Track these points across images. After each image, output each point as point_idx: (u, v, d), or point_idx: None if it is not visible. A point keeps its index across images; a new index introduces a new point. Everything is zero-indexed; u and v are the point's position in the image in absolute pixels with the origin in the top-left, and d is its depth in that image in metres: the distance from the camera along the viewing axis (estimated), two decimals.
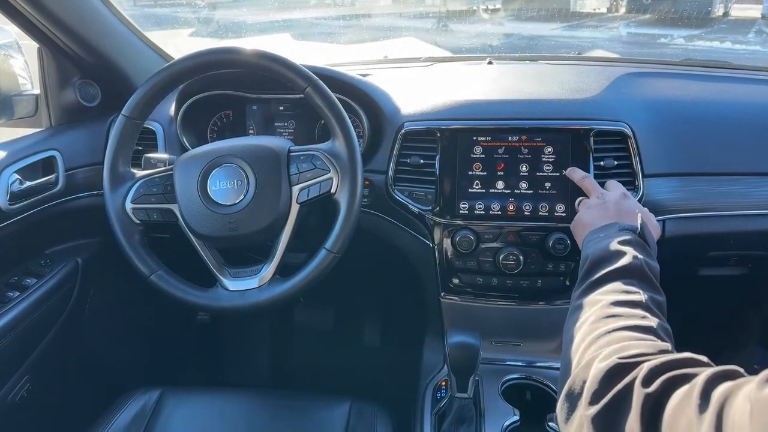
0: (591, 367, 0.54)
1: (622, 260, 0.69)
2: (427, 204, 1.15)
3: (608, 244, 0.73)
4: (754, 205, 1.16)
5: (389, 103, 1.23)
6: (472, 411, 1.03)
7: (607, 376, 0.52)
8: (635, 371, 0.50)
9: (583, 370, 0.56)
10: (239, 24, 4.01)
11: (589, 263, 0.73)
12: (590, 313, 0.64)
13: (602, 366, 0.53)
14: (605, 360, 0.53)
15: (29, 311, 1.17)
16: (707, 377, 0.44)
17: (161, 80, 1.00)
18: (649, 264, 0.70)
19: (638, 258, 0.69)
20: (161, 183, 1.01)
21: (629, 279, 0.67)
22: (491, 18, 4.67)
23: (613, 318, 0.61)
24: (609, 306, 0.63)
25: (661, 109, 1.20)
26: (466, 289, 1.18)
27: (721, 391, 0.41)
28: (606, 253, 0.72)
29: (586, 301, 0.67)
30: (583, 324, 0.63)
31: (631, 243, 0.73)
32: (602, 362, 0.53)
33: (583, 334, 0.61)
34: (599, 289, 0.67)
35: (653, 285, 0.68)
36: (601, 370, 0.52)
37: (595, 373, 0.53)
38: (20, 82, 1.29)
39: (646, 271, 0.69)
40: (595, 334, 0.59)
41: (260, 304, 0.99)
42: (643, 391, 0.47)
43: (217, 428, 1.07)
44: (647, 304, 0.63)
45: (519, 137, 1.12)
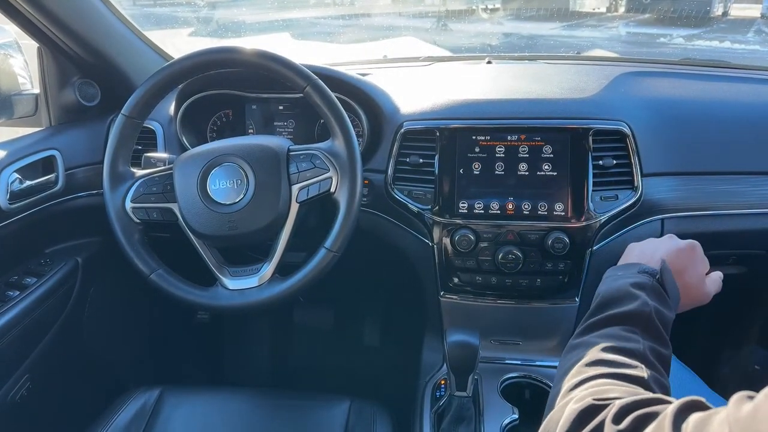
0: (565, 409, 0.53)
1: (631, 305, 0.66)
2: (427, 203, 1.15)
3: (621, 285, 0.70)
4: (753, 204, 1.17)
5: (388, 103, 1.24)
6: (471, 410, 1.03)
7: (579, 417, 0.51)
8: (606, 410, 0.49)
9: (558, 411, 0.55)
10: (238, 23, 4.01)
11: (599, 301, 0.70)
12: (582, 356, 0.61)
13: (576, 407, 0.52)
14: (580, 402, 0.52)
15: (29, 310, 1.17)
16: (675, 408, 0.43)
17: (161, 80, 1.00)
18: (660, 313, 0.66)
19: (648, 305, 0.66)
20: (161, 182, 1.02)
21: (632, 326, 0.64)
22: (490, 17, 4.67)
23: (602, 364, 0.58)
24: (602, 351, 0.60)
25: (660, 108, 1.20)
26: (465, 288, 1.18)
27: (693, 420, 0.41)
28: (616, 294, 0.68)
29: (583, 341, 0.64)
30: (572, 366, 0.61)
31: (645, 287, 0.68)
32: (576, 404, 0.52)
33: (570, 376, 0.60)
34: (599, 332, 0.65)
35: (659, 335, 0.65)
36: (574, 411, 0.51)
37: (568, 414, 0.52)
38: (20, 82, 1.29)
39: (653, 320, 0.65)
40: (580, 378, 0.58)
41: (260, 303, 0.99)
42: (614, 428, 0.46)
43: (217, 427, 1.08)
44: (644, 354, 0.60)
45: (518, 136, 1.12)
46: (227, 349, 1.92)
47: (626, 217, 1.12)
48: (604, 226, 1.10)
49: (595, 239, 1.11)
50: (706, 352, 1.66)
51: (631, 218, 1.13)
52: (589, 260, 1.12)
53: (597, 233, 1.10)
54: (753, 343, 1.62)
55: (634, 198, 1.10)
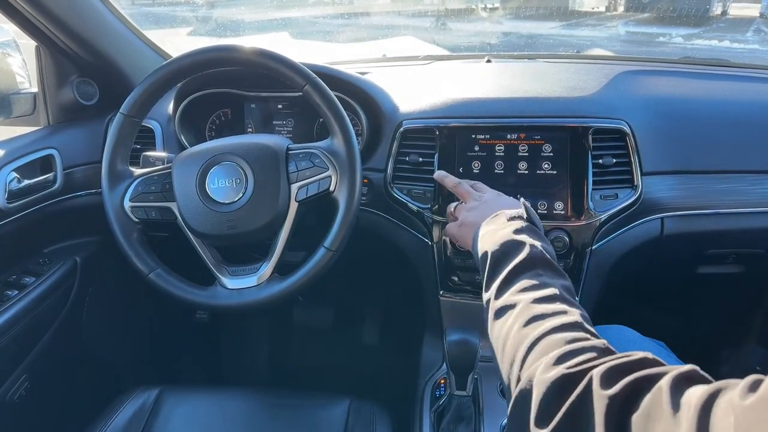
0: (533, 381, 0.51)
1: (522, 252, 0.68)
2: (426, 202, 1.15)
3: (503, 236, 0.72)
4: (752, 203, 1.17)
5: (388, 102, 1.23)
6: (471, 409, 1.02)
7: (555, 388, 0.48)
8: (585, 378, 0.47)
9: (525, 383, 0.53)
10: (237, 22, 4.01)
11: (491, 260, 0.71)
12: (513, 318, 0.61)
13: (546, 377, 0.49)
14: (548, 371, 0.50)
15: (28, 310, 1.17)
16: (671, 381, 0.42)
17: (159, 78, 1.00)
18: (547, 249, 0.69)
19: (536, 246, 0.68)
20: (160, 181, 1.01)
21: (535, 270, 0.66)
22: (490, 16, 4.67)
23: (538, 320, 0.58)
24: (528, 306, 0.61)
25: (659, 107, 1.20)
26: (464, 287, 1.18)
27: (696, 398, 0.39)
28: (504, 247, 0.70)
29: (503, 302, 0.65)
30: (510, 331, 0.60)
31: (524, 230, 0.72)
32: (545, 373, 0.50)
33: (514, 342, 0.59)
34: (511, 288, 0.65)
35: (558, 271, 0.67)
36: (546, 383, 0.49)
37: (540, 387, 0.49)
38: (18, 81, 1.29)
39: (547, 258, 0.68)
40: (526, 342, 0.57)
41: (259, 302, 0.99)
42: (605, 394, 0.44)
43: (216, 427, 1.07)
44: (562, 295, 0.62)
45: (518, 135, 1.12)
46: (226, 349, 1.92)
47: (626, 215, 1.12)
48: (604, 225, 1.10)
49: (594, 238, 1.10)
50: (705, 351, 1.66)
51: (630, 217, 1.13)
52: (588, 259, 1.12)
53: (597, 232, 1.10)
54: (752, 342, 1.62)
55: (634, 197, 1.10)
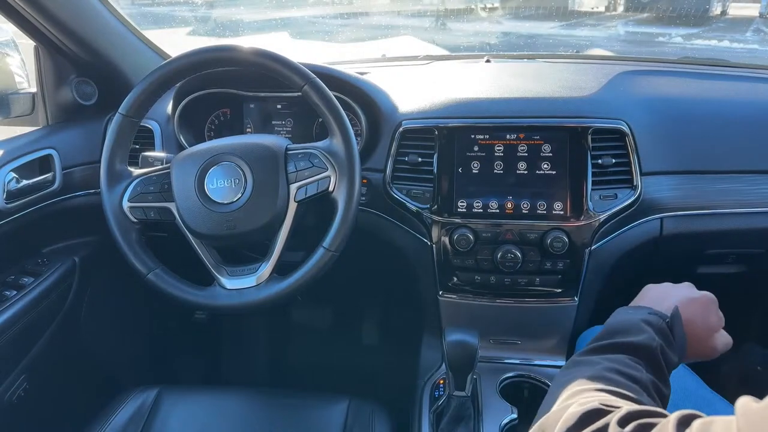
0: (568, 409, 0.52)
1: (637, 337, 0.65)
2: (425, 202, 1.15)
3: (631, 318, 0.70)
4: (752, 203, 1.16)
5: (387, 102, 1.23)
6: (470, 409, 1.02)
7: (584, 417, 0.50)
8: (611, 415, 0.48)
9: (560, 411, 0.53)
10: (236, 22, 4.01)
11: (607, 329, 0.69)
12: (585, 371, 0.60)
13: (580, 409, 0.51)
14: (584, 405, 0.51)
15: (26, 310, 1.16)
16: (677, 418, 0.43)
17: (158, 78, 1.00)
18: (665, 353, 0.65)
19: (655, 340, 0.65)
20: (158, 181, 1.01)
21: (638, 357, 0.63)
22: (489, 16, 4.67)
23: (606, 381, 0.57)
24: (606, 371, 0.59)
25: (659, 107, 1.20)
26: (464, 288, 1.18)
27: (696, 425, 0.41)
28: (625, 325, 0.68)
29: (588, 360, 0.63)
30: (573, 378, 0.60)
31: (653, 325, 0.68)
32: (580, 406, 0.51)
33: (570, 386, 0.59)
34: (604, 355, 0.64)
35: (661, 373, 0.64)
36: (578, 412, 0.51)
37: (571, 412, 0.51)
38: (17, 81, 1.29)
39: (658, 357, 0.64)
40: (581, 387, 0.57)
41: (258, 302, 0.98)
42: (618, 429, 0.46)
43: (215, 427, 1.07)
44: (646, 385, 0.59)
45: (517, 135, 1.12)
46: (225, 349, 1.92)
47: (625, 216, 1.12)
48: (603, 225, 1.10)
49: (594, 238, 1.10)
50: None
51: (630, 217, 1.13)
52: (588, 259, 1.12)
53: (596, 232, 1.10)
54: (752, 342, 1.62)
55: (634, 197, 1.10)
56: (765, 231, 1.18)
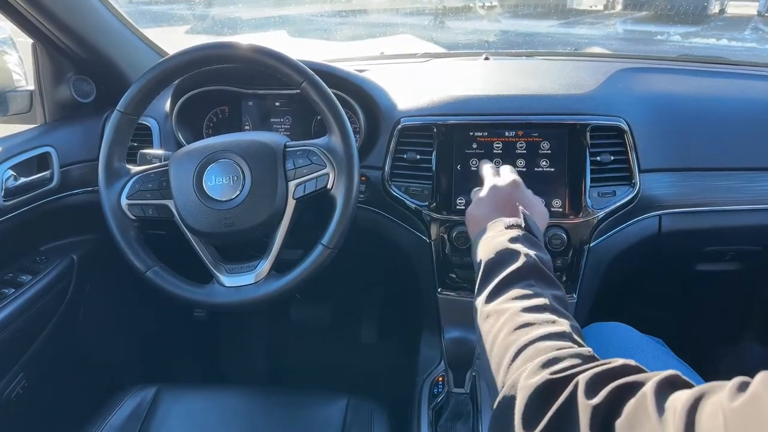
0: (517, 386, 0.52)
1: (515, 261, 0.69)
2: (424, 199, 1.15)
3: (498, 244, 0.72)
4: (750, 200, 1.17)
5: (385, 99, 1.23)
6: (469, 406, 1.03)
7: (539, 394, 0.49)
8: (570, 385, 0.47)
9: (510, 389, 0.53)
10: (234, 20, 4.00)
11: (485, 266, 0.72)
12: (501, 324, 0.62)
13: (531, 383, 0.50)
14: (532, 376, 0.50)
15: (24, 308, 1.16)
16: (655, 386, 0.42)
17: (156, 76, 0.99)
18: (542, 258, 0.70)
19: (530, 256, 0.69)
20: (157, 179, 1.01)
21: (528, 280, 0.66)
22: (488, 14, 4.67)
23: (526, 327, 0.59)
24: (518, 314, 0.61)
25: (657, 104, 1.20)
26: (462, 285, 1.18)
27: (681, 402, 0.39)
28: (498, 255, 0.71)
29: (493, 309, 0.65)
30: (497, 336, 0.61)
31: (519, 239, 0.72)
32: (530, 379, 0.50)
33: (500, 348, 0.59)
34: (502, 296, 0.66)
35: (551, 281, 0.68)
36: (530, 388, 0.49)
37: (524, 393, 0.50)
38: (14, 78, 1.29)
39: (541, 268, 0.68)
40: (513, 348, 0.57)
41: (256, 299, 0.98)
42: (589, 404, 0.44)
43: (214, 425, 1.07)
44: (552, 305, 0.63)
45: (515, 132, 1.11)
46: (224, 347, 1.92)
47: (624, 213, 1.12)
48: (602, 222, 1.10)
49: (592, 235, 1.10)
50: (703, 348, 1.66)
51: (628, 214, 1.13)
52: (586, 256, 1.12)
53: (595, 229, 1.10)
54: (750, 339, 1.63)
55: (632, 194, 1.10)
56: (763, 228, 1.18)
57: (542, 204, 0.91)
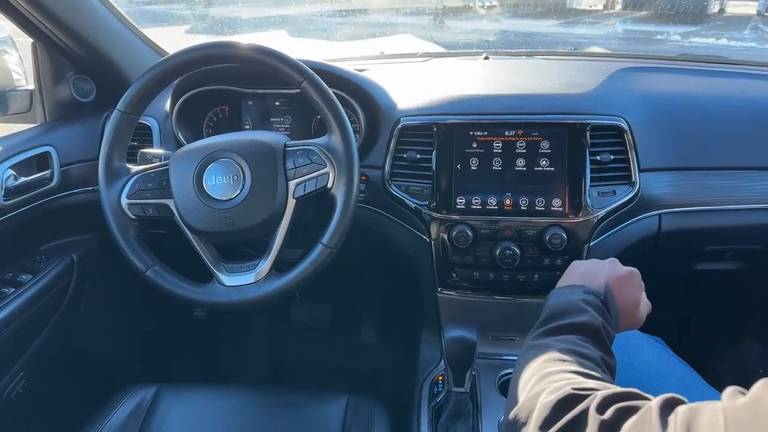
0: (539, 397, 0.54)
1: (581, 317, 0.70)
2: (424, 199, 1.15)
3: (571, 300, 0.74)
4: (750, 199, 1.17)
5: (385, 98, 1.23)
6: (469, 405, 1.03)
7: (559, 404, 0.51)
8: (588, 400, 0.49)
9: (530, 400, 0.55)
10: (234, 20, 3.99)
11: (548, 313, 0.73)
12: (543, 355, 0.64)
13: (554, 396, 0.52)
14: (556, 391, 0.53)
15: (24, 308, 1.16)
16: (660, 402, 0.44)
17: (156, 75, 0.99)
18: (607, 329, 0.71)
19: (597, 319, 0.70)
20: (157, 178, 1.01)
21: (585, 336, 0.68)
22: (488, 14, 4.66)
23: (564, 362, 0.61)
24: (561, 351, 0.63)
25: (657, 103, 1.20)
26: (462, 284, 1.18)
27: (681, 411, 0.41)
28: (566, 307, 0.72)
29: (540, 343, 0.67)
30: (534, 362, 0.63)
31: (592, 305, 0.73)
32: (553, 393, 0.53)
33: (532, 370, 0.61)
34: (555, 337, 0.68)
35: (607, 348, 0.69)
36: (552, 399, 0.52)
37: (545, 402, 0.52)
38: (14, 78, 1.29)
39: (602, 334, 0.69)
40: (544, 371, 0.59)
41: (256, 299, 0.98)
42: (598, 418, 0.46)
43: (214, 424, 1.07)
44: (598, 361, 0.64)
45: (515, 132, 1.11)
46: (224, 347, 1.92)
47: (624, 212, 1.12)
48: (602, 222, 1.10)
49: (592, 235, 1.11)
50: (703, 348, 1.66)
51: (628, 214, 1.13)
52: (586, 256, 1.12)
53: (594, 229, 1.10)
54: (750, 339, 1.63)
55: (632, 193, 1.10)
56: (763, 227, 1.18)
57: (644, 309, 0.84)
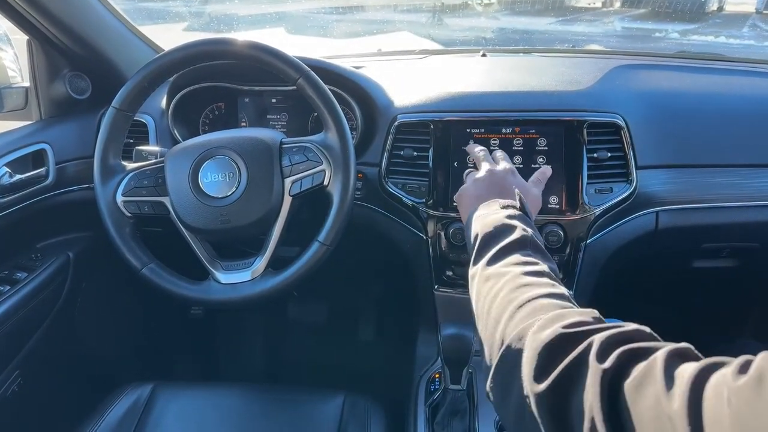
0: (526, 338, 0.51)
1: (513, 234, 0.70)
2: (421, 196, 1.14)
3: (495, 220, 0.74)
4: (747, 196, 1.17)
5: (382, 96, 1.23)
6: (466, 403, 1.03)
7: (550, 348, 0.48)
8: (584, 344, 0.47)
9: (516, 341, 0.52)
10: (231, 17, 3.99)
11: (481, 239, 0.73)
12: (501, 285, 0.62)
13: (543, 336, 0.49)
14: (544, 329, 0.50)
15: (20, 305, 1.16)
16: (666, 355, 0.42)
17: (152, 72, 0.99)
18: (537, 237, 0.72)
19: (527, 231, 0.71)
20: (152, 176, 1.01)
21: (526, 250, 0.68)
22: (485, 11, 4.67)
23: (527, 287, 0.59)
24: (518, 276, 0.62)
25: (654, 100, 1.20)
26: (459, 282, 1.18)
27: (689, 372, 0.39)
28: (496, 228, 0.72)
29: (492, 272, 0.66)
30: (496, 296, 0.61)
31: (516, 218, 0.74)
32: (540, 332, 0.50)
33: (500, 305, 0.59)
34: (501, 261, 0.67)
35: (547, 256, 0.70)
36: (542, 341, 0.49)
37: (534, 344, 0.49)
38: (10, 75, 1.28)
39: (537, 243, 0.70)
40: (514, 304, 0.57)
41: (253, 297, 0.98)
42: (599, 367, 0.44)
43: (210, 422, 1.07)
44: (550, 273, 0.64)
45: (512, 129, 1.11)
46: (221, 345, 1.92)
47: (621, 209, 1.11)
48: (599, 219, 1.10)
49: (589, 232, 1.10)
50: (700, 345, 1.66)
51: (625, 211, 1.13)
52: (583, 253, 1.12)
53: (591, 226, 1.10)
54: (747, 336, 1.63)
55: (629, 191, 1.10)
56: (760, 225, 1.18)
57: (536, 191, 0.92)
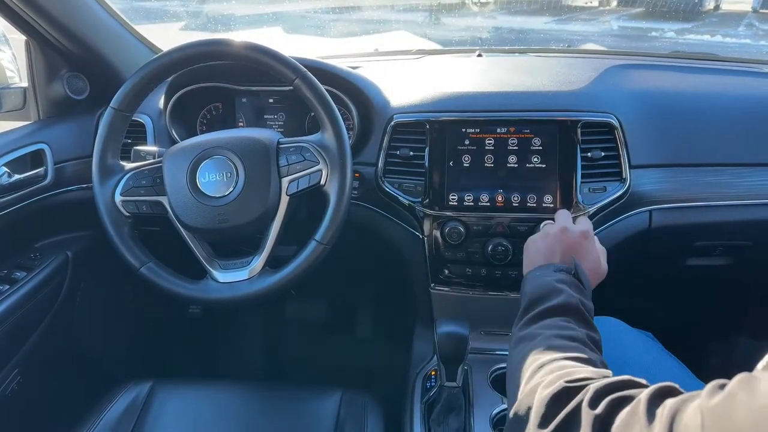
0: (536, 393, 0.55)
1: (558, 298, 0.72)
2: (417, 196, 1.15)
3: (545, 283, 0.77)
4: (739, 195, 1.18)
5: (379, 95, 1.24)
6: (461, 400, 1.04)
7: (554, 400, 0.53)
8: (581, 394, 0.51)
9: (528, 396, 0.57)
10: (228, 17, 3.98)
11: (528, 300, 0.76)
12: (531, 346, 0.66)
13: (548, 391, 0.54)
14: (551, 385, 0.54)
15: (19, 305, 1.17)
16: (649, 394, 0.45)
17: (150, 72, 1.00)
18: (584, 303, 0.74)
19: (573, 297, 0.73)
20: (150, 175, 1.01)
21: (565, 316, 0.70)
22: (482, 11, 4.67)
23: (553, 349, 0.63)
24: (549, 338, 0.65)
25: (648, 100, 1.21)
26: (455, 280, 1.19)
27: (668, 405, 0.42)
28: (543, 291, 0.75)
29: (527, 334, 0.69)
30: (525, 357, 0.65)
31: (566, 282, 0.76)
32: (547, 388, 0.54)
33: (526, 363, 0.63)
34: (538, 324, 0.70)
35: (589, 323, 0.71)
36: (547, 395, 0.53)
37: (541, 397, 0.54)
38: (8, 75, 1.28)
39: (581, 310, 0.71)
40: (537, 363, 0.61)
41: (250, 295, 0.99)
42: (591, 413, 0.48)
43: (209, 420, 1.08)
44: (584, 340, 0.66)
45: (507, 129, 1.12)
46: (219, 343, 1.93)
47: (614, 208, 1.13)
48: (593, 218, 1.11)
49: None
50: (693, 342, 1.68)
51: (619, 210, 1.14)
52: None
53: None
54: (739, 333, 1.64)
55: (623, 190, 1.11)
56: (752, 223, 1.19)
57: (603, 261, 0.91)
